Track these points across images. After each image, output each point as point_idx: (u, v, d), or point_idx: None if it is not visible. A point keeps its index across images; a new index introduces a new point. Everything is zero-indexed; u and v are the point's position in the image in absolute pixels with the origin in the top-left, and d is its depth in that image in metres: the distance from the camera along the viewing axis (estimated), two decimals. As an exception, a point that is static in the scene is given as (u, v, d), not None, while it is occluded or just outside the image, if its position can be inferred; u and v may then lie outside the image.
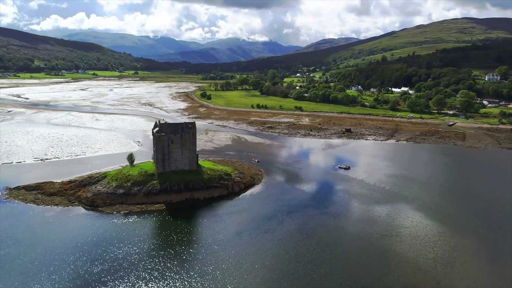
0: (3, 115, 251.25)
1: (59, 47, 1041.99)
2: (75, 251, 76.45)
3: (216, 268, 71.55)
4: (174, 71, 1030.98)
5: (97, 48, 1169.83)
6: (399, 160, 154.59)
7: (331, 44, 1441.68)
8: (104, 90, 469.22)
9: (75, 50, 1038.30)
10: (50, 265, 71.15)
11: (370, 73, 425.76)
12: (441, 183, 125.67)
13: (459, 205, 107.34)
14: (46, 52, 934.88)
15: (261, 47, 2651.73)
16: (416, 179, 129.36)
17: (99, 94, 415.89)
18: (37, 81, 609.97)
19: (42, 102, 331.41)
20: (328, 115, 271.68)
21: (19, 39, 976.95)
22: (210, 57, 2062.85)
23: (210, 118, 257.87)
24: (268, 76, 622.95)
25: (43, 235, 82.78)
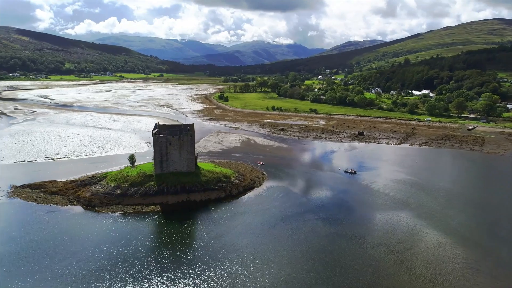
0: (27, 115, 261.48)
1: (89, 50, 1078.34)
2: (62, 250, 77.69)
3: (202, 270, 71.06)
4: (198, 74, 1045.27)
5: (124, 51, 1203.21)
6: (409, 165, 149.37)
7: (355, 47, 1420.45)
8: (127, 92, 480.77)
9: (104, 53, 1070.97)
10: (32, 263, 72.53)
11: (390, 75, 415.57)
12: (449, 190, 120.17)
13: (466, 214, 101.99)
14: (77, 55, 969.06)
15: (285, 50, 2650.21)
16: (424, 185, 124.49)
17: (121, 96, 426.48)
18: (66, 82, 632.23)
19: (66, 103, 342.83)
20: (343, 117, 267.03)
21: (52, 43, 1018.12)
22: (235, 59, 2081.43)
23: (224, 120, 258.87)
24: (289, 79, 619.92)
25: (35, 233, 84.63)
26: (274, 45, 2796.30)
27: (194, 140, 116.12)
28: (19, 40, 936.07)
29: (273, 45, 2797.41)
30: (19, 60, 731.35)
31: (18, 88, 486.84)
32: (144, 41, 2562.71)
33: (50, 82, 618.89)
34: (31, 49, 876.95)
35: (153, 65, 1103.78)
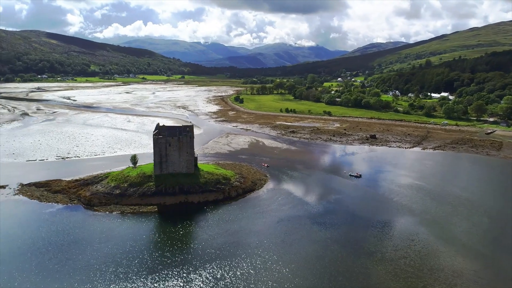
0: (48, 115, 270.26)
1: (114, 53, 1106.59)
2: (54, 248, 79.31)
3: (187, 273, 71.05)
4: (219, 76, 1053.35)
5: (148, 54, 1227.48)
6: (418, 170, 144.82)
7: (378, 49, 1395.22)
8: (146, 93, 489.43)
9: (128, 56, 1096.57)
10: (24, 260, 74.26)
11: (410, 77, 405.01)
12: (457, 196, 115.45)
13: (472, 222, 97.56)
14: (102, 57, 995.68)
15: (307, 52, 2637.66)
16: (431, 190, 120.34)
17: (140, 97, 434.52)
18: (91, 84, 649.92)
19: (87, 104, 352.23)
20: (356, 120, 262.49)
21: (79, 46, 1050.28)
22: (257, 62, 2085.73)
23: (236, 121, 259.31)
24: (307, 81, 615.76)
25: (31, 231, 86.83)
26: (295, 48, 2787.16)
27: (194, 141, 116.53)
28: (49, 44, 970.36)
29: (295, 48, 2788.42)
30: (47, 63, 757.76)
31: (44, 90, 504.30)
32: (168, 44, 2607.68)
33: (76, 84, 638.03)
34: (59, 52, 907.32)
35: (175, 67, 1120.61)
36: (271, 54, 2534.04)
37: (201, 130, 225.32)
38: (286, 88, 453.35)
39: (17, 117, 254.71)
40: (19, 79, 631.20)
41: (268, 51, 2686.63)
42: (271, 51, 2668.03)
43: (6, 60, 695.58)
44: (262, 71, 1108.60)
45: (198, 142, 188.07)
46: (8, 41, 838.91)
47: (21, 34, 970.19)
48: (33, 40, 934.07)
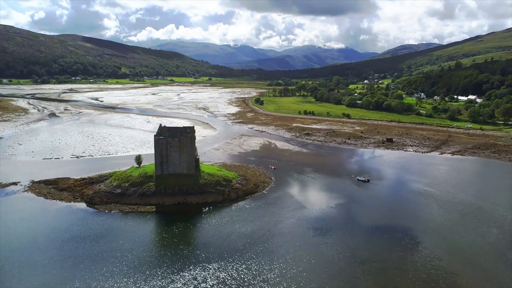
0: (72, 115, 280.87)
1: (144, 55, 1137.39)
2: (48, 243, 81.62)
3: (167, 274, 71.25)
4: (246, 78, 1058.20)
5: (177, 56, 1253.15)
6: (431, 175, 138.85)
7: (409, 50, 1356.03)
8: (171, 95, 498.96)
9: (158, 58, 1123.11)
10: (16, 254, 76.84)
11: (437, 79, 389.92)
12: (468, 205, 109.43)
13: (479, 233, 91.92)
14: (133, 60, 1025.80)
15: (336, 54, 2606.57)
16: (440, 197, 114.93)
17: (165, 99, 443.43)
18: (120, 86, 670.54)
19: (112, 105, 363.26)
20: (375, 123, 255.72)
21: (112, 49, 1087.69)
22: (285, 64, 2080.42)
23: (253, 123, 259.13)
24: (332, 83, 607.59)
25: (30, 226, 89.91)
26: (324, 50, 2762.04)
27: (195, 142, 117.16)
28: (83, 47, 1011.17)
29: (324, 50, 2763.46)
30: (81, 65, 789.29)
31: (76, 91, 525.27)
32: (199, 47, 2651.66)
33: (106, 85, 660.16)
34: (93, 55, 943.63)
35: (203, 69, 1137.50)
36: (300, 56, 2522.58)
37: (216, 131, 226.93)
38: (309, 90, 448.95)
39: (45, 117, 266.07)
40: (54, 80, 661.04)
41: (296, 53, 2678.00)
42: (299, 53, 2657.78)
43: (44, 63, 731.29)
44: (290, 74, 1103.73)
45: (210, 143, 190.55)
46: (46, 45, 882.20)
47: (59, 38, 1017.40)
48: (69, 43, 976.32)
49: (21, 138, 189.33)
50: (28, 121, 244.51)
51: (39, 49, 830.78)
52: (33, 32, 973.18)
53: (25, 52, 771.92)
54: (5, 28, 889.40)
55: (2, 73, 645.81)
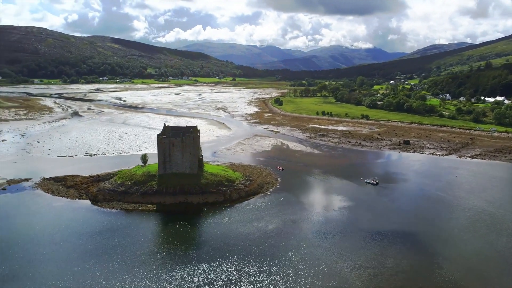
0: (94, 114, 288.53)
1: (170, 56, 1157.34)
2: (45, 239, 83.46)
3: (155, 273, 71.18)
4: (270, 78, 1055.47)
5: (202, 57, 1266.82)
6: (444, 179, 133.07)
7: (439, 50, 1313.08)
8: (193, 95, 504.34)
9: (183, 59, 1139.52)
10: (13, 247, 79.02)
11: (464, 80, 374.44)
12: (480, 211, 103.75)
13: (487, 240, 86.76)
14: (158, 60, 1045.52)
15: (364, 54, 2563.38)
16: (451, 202, 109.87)
17: (186, 99, 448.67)
18: (145, 86, 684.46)
19: (134, 104, 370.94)
20: (395, 124, 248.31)
21: (139, 50, 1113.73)
22: (311, 64, 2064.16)
23: (269, 123, 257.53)
24: (356, 83, 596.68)
25: (34, 221, 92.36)
26: (352, 50, 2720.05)
27: (198, 142, 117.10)
28: (112, 48, 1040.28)
29: (351, 50, 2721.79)
30: (108, 66, 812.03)
31: (102, 90, 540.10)
32: (225, 47, 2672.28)
33: (131, 85, 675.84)
34: (120, 56, 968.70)
35: (227, 69, 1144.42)
36: (326, 56, 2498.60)
37: (231, 131, 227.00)
38: (330, 91, 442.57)
39: (67, 116, 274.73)
40: (83, 80, 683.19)
41: (323, 53, 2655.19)
42: (326, 53, 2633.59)
43: (73, 63, 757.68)
44: (315, 74, 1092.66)
45: (223, 143, 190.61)
46: (76, 46, 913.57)
47: (89, 40, 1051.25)
48: (98, 44, 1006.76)
49: (41, 136, 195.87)
50: (51, 120, 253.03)
51: (69, 50, 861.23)
52: (64, 34, 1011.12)
53: (56, 53, 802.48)
54: (39, 30, 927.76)
55: (34, 73, 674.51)
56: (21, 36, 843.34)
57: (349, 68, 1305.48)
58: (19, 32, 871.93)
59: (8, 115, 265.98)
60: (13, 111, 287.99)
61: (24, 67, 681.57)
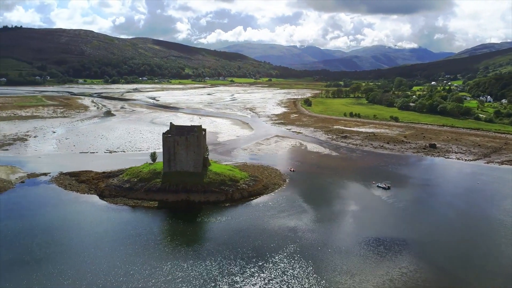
0: (125, 113, 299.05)
1: (208, 56, 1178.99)
2: (44, 229, 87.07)
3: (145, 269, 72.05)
4: (307, 78, 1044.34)
5: (240, 57, 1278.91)
6: (464, 185, 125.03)
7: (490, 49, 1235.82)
8: (225, 95, 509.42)
9: (220, 59, 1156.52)
10: (12, 236, 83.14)
11: (509, 81, 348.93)
12: (493, 221, 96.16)
13: (494, 255, 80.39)
14: (197, 61, 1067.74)
15: (408, 54, 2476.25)
16: (465, 211, 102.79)
17: (218, 99, 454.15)
18: (181, 86, 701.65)
19: (166, 104, 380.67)
20: (424, 127, 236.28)
21: (178, 51, 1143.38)
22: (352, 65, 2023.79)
23: (294, 124, 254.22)
24: (394, 84, 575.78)
25: (39, 213, 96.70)
26: (395, 50, 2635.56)
27: (202, 141, 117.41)
28: (152, 49, 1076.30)
29: (394, 50, 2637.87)
30: (148, 66, 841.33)
31: (139, 90, 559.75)
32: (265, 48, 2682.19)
33: (168, 86, 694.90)
34: (160, 57, 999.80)
35: (264, 70, 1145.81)
36: (368, 57, 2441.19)
37: (253, 131, 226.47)
38: (363, 92, 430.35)
39: (100, 114, 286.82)
40: (123, 80, 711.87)
41: (365, 53, 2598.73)
42: (368, 53, 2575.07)
43: (115, 64, 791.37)
44: (355, 75, 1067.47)
45: (242, 142, 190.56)
46: (119, 48, 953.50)
47: (131, 41, 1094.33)
48: (140, 46, 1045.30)
49: (70, 133, 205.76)
50: (83, 118, 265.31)
51: (112, 51, 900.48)
52: (109, 36, 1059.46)
53: (100, 54, 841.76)
54: (86, 32, 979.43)
55: (79, 73, 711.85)
56: (69, 39, 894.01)
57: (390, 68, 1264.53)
58: (68, 34, 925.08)
59: (46, 113, 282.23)
60: (52, 109, 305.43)
61: (70, 67, 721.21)
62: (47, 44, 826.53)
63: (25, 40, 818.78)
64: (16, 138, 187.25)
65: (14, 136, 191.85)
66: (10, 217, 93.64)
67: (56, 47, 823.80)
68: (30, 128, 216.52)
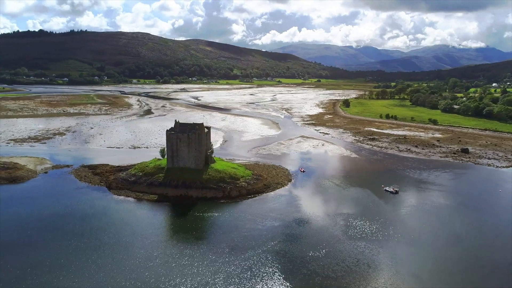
0: (163, 111, 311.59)
1: (258, 57, 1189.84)
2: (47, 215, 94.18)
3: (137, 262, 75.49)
4: (359, 79, 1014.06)
5: (290, 58, 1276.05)
6: (481, 193, 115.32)
7: None
8: (267, 95, 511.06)
9: (270, 60, 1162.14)
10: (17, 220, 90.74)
11: None
12: (502, 231, 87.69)
13: (493, 271, 73.64)
14: (246, 62, 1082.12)
15: (473, 54, 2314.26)
16: (474, 220, 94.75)
17: (258, 99, 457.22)
18: (228, 86, 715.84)
19: (205, 103, 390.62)
20: (464, 131, 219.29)
21: (229, 52, 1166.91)
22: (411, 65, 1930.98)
23: (324, 125, 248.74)
24: (448, 85, 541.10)
25: (49, 200, 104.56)
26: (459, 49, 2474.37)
27: (204, 139, 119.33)
28: (204, 50, 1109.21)
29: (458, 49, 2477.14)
30: (198, 67, 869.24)
31: (185, 90, 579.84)
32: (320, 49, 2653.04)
33: (215, 86, 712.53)
34: (210, 58, 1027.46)
35: (314, 71, 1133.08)
36: (429, 57, 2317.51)
37: (279, 131, 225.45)
38: (409, 93, 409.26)
39: (139, 113, 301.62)
40: (173, 81, 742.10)
41: (425, 53, 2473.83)
42: (429, 53, 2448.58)
43: (167, 65, 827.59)
44: (411, 75, 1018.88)
45: (264, 142, 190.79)
46: (172, 49, 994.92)
47: (184, 43, 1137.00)
48: (192, 47, 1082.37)
49: (105, 129, 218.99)
50: (123, 116, 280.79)
51: (165, 53, 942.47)
52: (163, 38, 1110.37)
53: (154, 56, 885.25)
54: (142, 35, 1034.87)
55: (133, 74, 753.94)
56: (127, 41, 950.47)
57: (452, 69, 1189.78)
58: (126, 37, 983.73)
59: (92, 110, 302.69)
60: (98, 107, 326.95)
61: (126, 68, 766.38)
62: (107, 46, 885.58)
63: (88, 43, 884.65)
64: (56, 133, 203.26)
65: (55, 131, 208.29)
66: (21, 204, 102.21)
67: (115, 49, 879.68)
68: (72, 124, 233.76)
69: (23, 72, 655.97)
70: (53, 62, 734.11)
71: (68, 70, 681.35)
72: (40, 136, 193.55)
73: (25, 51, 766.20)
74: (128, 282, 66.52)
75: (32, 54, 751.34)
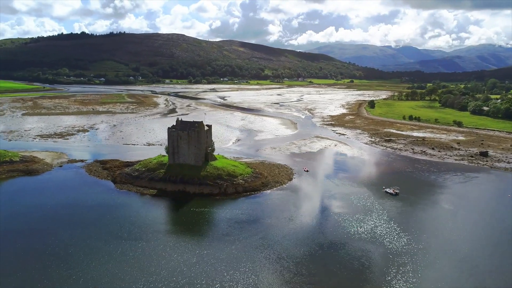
0: (187, 111, 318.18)
1: (290, 57, 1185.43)
2: (53, 204, 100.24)
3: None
4: (394, 80, 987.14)
5: (323, 58, 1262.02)
6: (487, 198, 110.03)
7: None
8: (294, 96, 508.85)
9: (302, 61, 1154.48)
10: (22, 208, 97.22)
11: None
12: (497, 238, 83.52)
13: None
14: (278, 62, 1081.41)
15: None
16: (475, 227, 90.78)
17: (284, 99, 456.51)
18: (257, 86, 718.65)
19: (230, 103, 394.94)
20: (489, 133, 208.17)
21: (261, 52, 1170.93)
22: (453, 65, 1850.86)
23: (343, 126, 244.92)
24: (486, 87, 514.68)
25: (55, 193, 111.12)
26: (507, 49, 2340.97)
27: (203, 136, 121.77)
28: (236, 51, 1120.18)
29: (506, 49, 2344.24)
30: (229, 67, 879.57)
31: (215, 90, 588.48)
32: (357, 49, 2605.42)
33: (245, 86, 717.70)
34: (242, 58, 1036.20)
35: (348, 71, 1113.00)
36: (473, 57, 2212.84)
37: (295, 131, 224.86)
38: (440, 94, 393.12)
39: (164, 112, 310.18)
40: (205, 81, 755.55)
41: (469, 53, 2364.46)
42: (473, 53, 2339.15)
43: (199, 66, 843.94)
44: (452, 76, 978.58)
45: (276, 142, 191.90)
46: (205, 50, 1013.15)
47: (218, 44, 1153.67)
48: (225, 48, 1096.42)
49: (126, 127, 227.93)
50: (148, 114, 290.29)
51: (198, 53, 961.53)
52: (197, 39, 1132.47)
53: (187, 57, 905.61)
54: (177, 36, 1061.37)
55: (167, 74, 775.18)
56: (162, 42, 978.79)
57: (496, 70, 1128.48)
58: (162, 38, 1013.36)
59: (119, 109, 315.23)
60: (126, 106, 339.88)
61: (160, 69, 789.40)
62: (143, 48, 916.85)
63: (125, 44, 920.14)
64: (80, 130, 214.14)
65: (80, 128, 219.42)
66: (31, 194, 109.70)
67: (150, 50, 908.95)
68: (97, 122, 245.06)
69: (64, 73, 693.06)
70: (92, 63, 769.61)
71: (105, 71, 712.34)
72: (64, 132, 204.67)
73: (68, 53, 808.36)
74: (130, 269, 70.45)
75: (73, 55, 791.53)
